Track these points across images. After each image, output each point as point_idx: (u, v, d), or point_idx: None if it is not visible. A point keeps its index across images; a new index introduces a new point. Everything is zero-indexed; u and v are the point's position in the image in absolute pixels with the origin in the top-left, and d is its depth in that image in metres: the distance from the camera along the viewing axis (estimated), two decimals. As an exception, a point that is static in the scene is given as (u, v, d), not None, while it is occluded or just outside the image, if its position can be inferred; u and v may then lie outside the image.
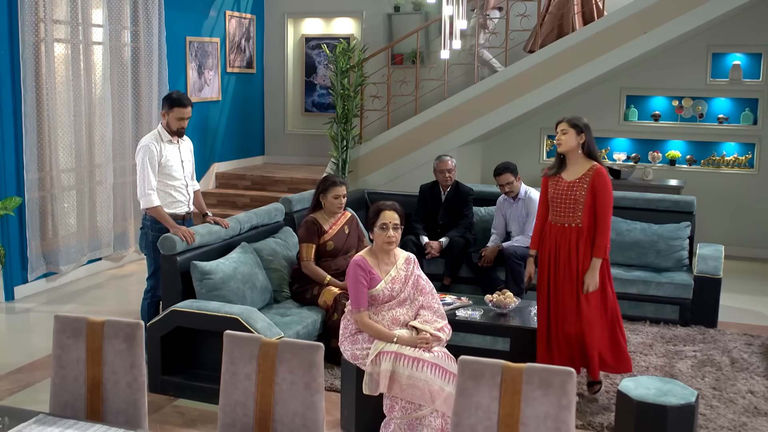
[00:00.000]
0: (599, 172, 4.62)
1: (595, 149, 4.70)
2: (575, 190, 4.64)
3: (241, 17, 9.97)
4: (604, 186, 4.60)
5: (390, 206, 4.42)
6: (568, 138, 4.65)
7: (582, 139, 4.64)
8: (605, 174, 4.64)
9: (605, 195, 4.61)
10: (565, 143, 4.66)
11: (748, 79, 8.48)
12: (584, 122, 4.69)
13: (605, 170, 4.66)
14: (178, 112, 5.24)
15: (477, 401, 2.47)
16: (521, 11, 8.52)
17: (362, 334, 4.33)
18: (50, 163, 6.99)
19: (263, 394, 2.60)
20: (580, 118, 4.70)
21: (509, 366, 2.47)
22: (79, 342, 2.82)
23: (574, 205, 4.64)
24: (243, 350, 2.64)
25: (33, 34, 6.70)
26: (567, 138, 4.66)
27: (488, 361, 2.48)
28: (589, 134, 4.67)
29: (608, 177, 4.66)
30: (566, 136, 4.66)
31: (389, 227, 4.34)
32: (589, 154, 4.67)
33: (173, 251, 4.99)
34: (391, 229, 4.35)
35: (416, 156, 8.61)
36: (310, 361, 2.58)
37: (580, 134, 4.64)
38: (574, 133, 4.64)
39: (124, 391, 2.78)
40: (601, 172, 4.63)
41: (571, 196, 4.65)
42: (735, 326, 6.27)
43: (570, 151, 4.68)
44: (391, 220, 4.36)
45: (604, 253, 4.63)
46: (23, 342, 5.96)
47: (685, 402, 3.85)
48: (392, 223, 4.36)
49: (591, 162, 4.66)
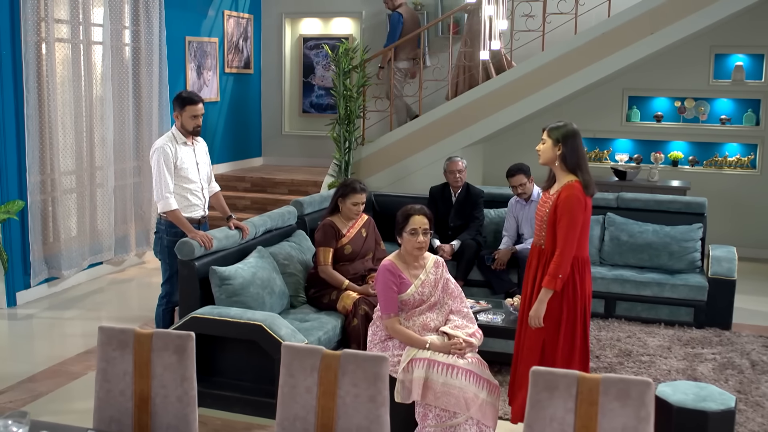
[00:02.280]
0: (566, 187, 4.02)
1: (577, 162, 4.05)
2: (544, 206, 4.14)
3: (239, 17, 9.84)
4: (564, 204, 3.99)
5: (419, 210, 4.34)
6: (545, 149, 4.12)
7: (559, 150, 4.06)
8: (573, 191, 4.00)
9: (563, 215, 3.99)
10: (542, 154, 4.14)
11: (750, 80, 8.50)
12: (565, 131, 4.07)
13: (578, 186, 4.02)
14: (191, 110, 5.14)
15: (551, 413, 2.39)
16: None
17: (392, 340, 4.25)
18: (51, 165, 6.84)
19: (325, 408, 2.50)
20: (563, 126, 4.11)
21: (584, 377, 2.39)
22: (125, 354, 2.70)
23: (540, 223, 4.17)
24: (303, 362, 2.54)
25: (35, 34, 6.54)
26: (544, 149, 4.12)
27: (562, 372, 2.41)
28: (569, 145, 4.05)
29: (577, 195, 3.99)
30: (543, 147, 4.12)
31: (419, 232, 4.26)
32: (570, 169, 4.07)
33: (191, 256, 4.87)
34: (421, 234, 4.27)
35: (420, 158, 8.53)
36: (375, 373, 2.49)
37: (557, 145, 4.06)
38: (550, 144, 4.09)
39: (174, 406, 2.67)
40: (568, 187, 4.02)
41: (539, 213, 4.19)
42: (749, 328, 6.26)
43: (547, 164, 4.15)
44: (421, 225, 4.28)
45: (554, 285, 4.00)
46: (29, 350, 5.81)
47: (725, 407, 3.80)
48: (422, 228, 4.28)
49: (570, 177, 4.06)
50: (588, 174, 4.08)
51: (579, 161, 4.06)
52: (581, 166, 4.06)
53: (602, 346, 5.71)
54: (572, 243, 3.98)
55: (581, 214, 4.01)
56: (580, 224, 4.01)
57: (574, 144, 4.06)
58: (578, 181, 4.04)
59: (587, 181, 4.04)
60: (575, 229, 3.98)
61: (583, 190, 4.02)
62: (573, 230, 3.98)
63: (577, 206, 3.98)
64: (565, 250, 3.97)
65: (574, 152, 4.05)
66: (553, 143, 4.07)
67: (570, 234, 3.97)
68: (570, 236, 3.97)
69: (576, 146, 4.07)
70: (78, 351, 5.64)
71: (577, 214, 3.98)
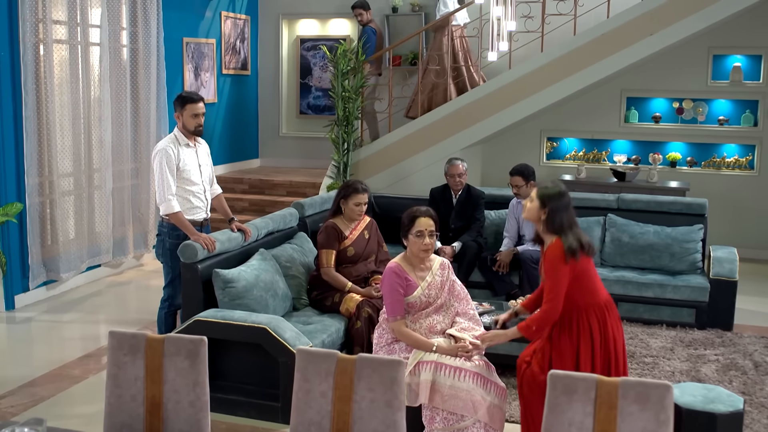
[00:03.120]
0: (551, 246, 3.90)
1: (561, 226, 3.89)
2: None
3: (236, 18, 9.81)
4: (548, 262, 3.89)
5: (425, 212, 4.31)
6: (531, 208, 3.99)
7: (544, 215, 3.94)
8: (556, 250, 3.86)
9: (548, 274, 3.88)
10: (527, 213, 4.03)
11: (748, 80, 8.52)
12: (550, 193, 3.94)
13: (558, 246, 3.85)
14: (191, 108, 5.11)
15: (570, 417, 2.38)
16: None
17: (398, 343, 4.23)
18: (49, 167, 6.79)
19: (341, 413, 2.48)
20: (551, 188, 3.98)
21: (603, 380, 2.38)
22: (137, 360, 2.67)
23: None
24: (318, 367, 2.51)
25: (33, 35, 6.50)
26: (531, 208, 3.99)
27: (581, 375, 2.39)
28: (553, 208, 3.91)
29: (558, 257, 3.84)
30: (531, 205, 3.99)
31: (425, 234, 4.24)
32: (553, 232, 3.92)
33: (194, 259, 4.83)
34: (427, 237, 4.24)
35: (419, 159, 8.52)
36: (391, 377, 2.46)
37: (544, 208, 3.93)
38: (537, 205, 3.95)
39: (186, 411, 2.64)
40: (552, 247, 3.88)
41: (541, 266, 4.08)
42: (751, 329, 6.26)
43: (532, 222, 4.07)
44: (427, 227, 4.25)
45: (526, 332, 3.91)
46: (28, 354, 5.76)
47: (734, 409, 3.79)
48: (428, 230, 4.25)
49: (553, 237, 3.92)
50: (573, 238, 3.88)
51: (562, 225, 3.91)
52: (564, 230, 3.90)
53: (605, 348, 5.69)
54: (556, 301, 3.84)
55: (566, 272, 3.85)
56: (566, 281, 3.85)
57: (558, 207, 3.93)
58: (558, 240, 3.89)
59: (571, 246, 3.84)
60: (559, 288, 3.84)
61: (563, 253, 3.83)
62: (556, 289, 3.84)
63: (560, 265, 3.84)
64: (549, 307, 3.85)
65: (559, 216, 3.92)
66: (540, 205, 3.95)
67: (553, 292, 3.84)
68: (553, 295, 3.84)
69: (560, 209, 3.93)
70: (78, 354, 5.60)
71: (561, 273, 3.84)
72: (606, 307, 3.99)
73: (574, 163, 9.13)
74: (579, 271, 3.90)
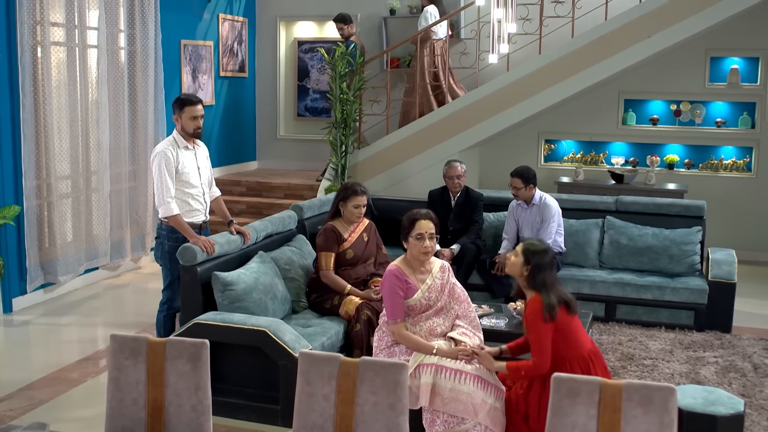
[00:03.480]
0: (530, 301, 3.94)
1: (544, 281, 3.92)
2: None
3: (234, 20, 9.80)
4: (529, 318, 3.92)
5: (425, 215, 4.31)
6: (514, 263, 4.04)
7: (526, 271, 3.97)
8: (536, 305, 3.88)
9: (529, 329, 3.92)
10: (510, 267, 4.08)
11: (746, 83, 8.53)
12: (535, 249, 4.00)
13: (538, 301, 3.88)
14: (190, 110, 5.09)
15: (573, 420, 2.37)
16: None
17: (399, 346, 4.22)
18: (47, 170, 6.77)
19: (343, 416, 2.47)
20: (535, 246, 4.03)
21: (607, 383, 2.37)
22: (138, 363, 2.66)
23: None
24: (321, 370, 2.51)
25: (31, 37, 6.49)
26: (514, 262, 4.04)
27: (585, 378, 2.39)
28: (537, 263, 3.94)
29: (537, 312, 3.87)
30: (515, 260, 4.04)
31: (425, 237, 4.24)
32: (533, 289, 3.96)
33: (193, 262, 4.82)
34: (427, 239, 4.24)
35: (416, 161, 8.51)
36: (394, 380, 2.46)
37: (527, 264, 3.96)
38: (521, 261, 3.99)
39: (188, 415, 2.64)
40: (532, 302, 3.92)
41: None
42: (749, 331, 6.27)
43: (515, 277, 4.10)
44: (427, 230, 4.25)
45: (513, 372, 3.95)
46: (26, 357, 5.74)
47: (735, 412, 3.79)
48: (428, 232, 4.25)
49: (533, 293, 3.96)
50: (554, 296, 3.89)
51: (544, 283, 3.92)
52: (546, 288, 3.92)
53: (604, 350, 5.69)
54: (543, 355, 3.85)
55: (546, 328, 3.85)
56: (548, 336, 3.85)
57: (541, 264, 3.95)
58: (537, 295, 3.92)
59: (550, 304, 3.86)
60: (542, 342, 3.84)
61: (542, 310, 3.85)
62: (540, 343, 3.85)
63: (539, 321, 3.85)
64: (538, 361, 3.85)
65: (541, 274, 3.94)
66: (524, 261, 3.98)
67: (538, 346, 3.85)
68: (538, 348, 3.85)
69: (543, 266, 3.95)
70: (76, 358, 5.58)
71: (541, 329, 3.85)
72: (590, 358, 3.99)
73: (572, 165, 9.14)
74: (561, 326, 3.91)
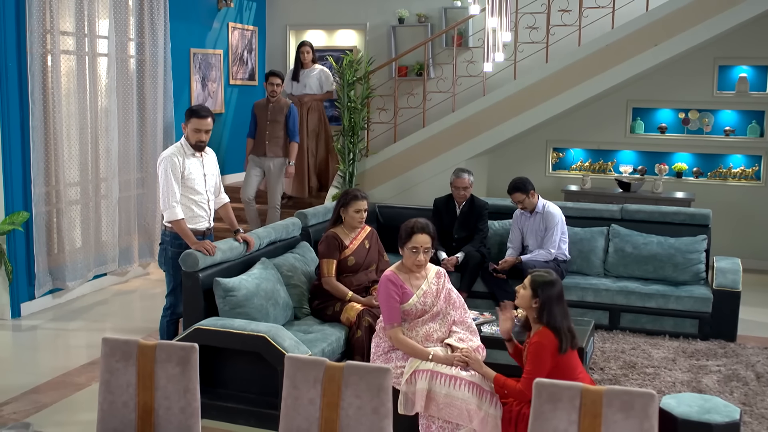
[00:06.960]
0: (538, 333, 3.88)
1: (556, 317, 3.85)
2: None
3: (244, 29, 9.88)
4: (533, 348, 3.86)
5: (422, 228, 4.32)
6: (523, 295, 3.97)
7: (536, 304, 3.90)
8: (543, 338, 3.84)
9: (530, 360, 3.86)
10: (519, 300, 4.01)
11: (754, 91, 8.50)
12: (543, 281, 3.91)
13: (547, 335, 3.83)
14: (194, 123, 5.08)
15: (554, 425, 2.39)
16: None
17: (395, 351, 4.25)
18: (56, 176, 6.86)
19: (328, 420, 2.50)
20: (544, 276, 3.94)
21: (588, 389, 2.39)
22: (129, 366, 2.70)
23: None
24: (306, 374, 2.54)
25: (40, 46, 6.58)
26: (523, 295, 3.97)
27: (566, 384, 2.40)
28: (547, 295, 3.87)
29: (546, 344, 3.82)
30: (523, 292, 3.97)
31: (420, 251, 4.28)
32: (542, 322, 3.89)
33: (195, 268, 4.87)
34: (421, 253, 4.28)
35: (424, 169, 8.54)
36: (378, 385, 2.48)
37: (536, 297, 3.90)
38: (530, 293, 3.93)
39: (177, 417, 2.67)
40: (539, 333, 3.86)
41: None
42: (754, 340, 6.24)
43: (523, 310, 4.07)
44: (423, 244, 4.28)
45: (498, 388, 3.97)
46: (33, 361, 5.81)
47: (730, 420, 3.79)
48: (423, 247, 4.29)
49: (541, 326, 3.90)
50: (563, 332, 3.84)
51: (556, 318, 3.86)
52: (560, 324, 3.85)
53: (606, 358, 5.69)
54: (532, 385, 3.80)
55: (550, 363, 3.82)
56: (548, 370, 3.80)
57: (551, 296, 3.88)
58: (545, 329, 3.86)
59: (565, 342, 3.83)
60: (539, 374, 3.70)
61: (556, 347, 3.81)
62: (536, 374, 3.69)
63: (544, 353, 3.80)
64: (525, 389, 3.79)
65: (553, 308, 3.87)
66: (532, 294, 3.91)
67: (532, 375, 3.71)
68: (531, 378, 3.67)
69: (552, 299, 3.88)
70: (82, 362, 5.64)
71: (545, 363, 3.81)
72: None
73: (580, 173, 9.13)
74: (562, 360, 3.87)
